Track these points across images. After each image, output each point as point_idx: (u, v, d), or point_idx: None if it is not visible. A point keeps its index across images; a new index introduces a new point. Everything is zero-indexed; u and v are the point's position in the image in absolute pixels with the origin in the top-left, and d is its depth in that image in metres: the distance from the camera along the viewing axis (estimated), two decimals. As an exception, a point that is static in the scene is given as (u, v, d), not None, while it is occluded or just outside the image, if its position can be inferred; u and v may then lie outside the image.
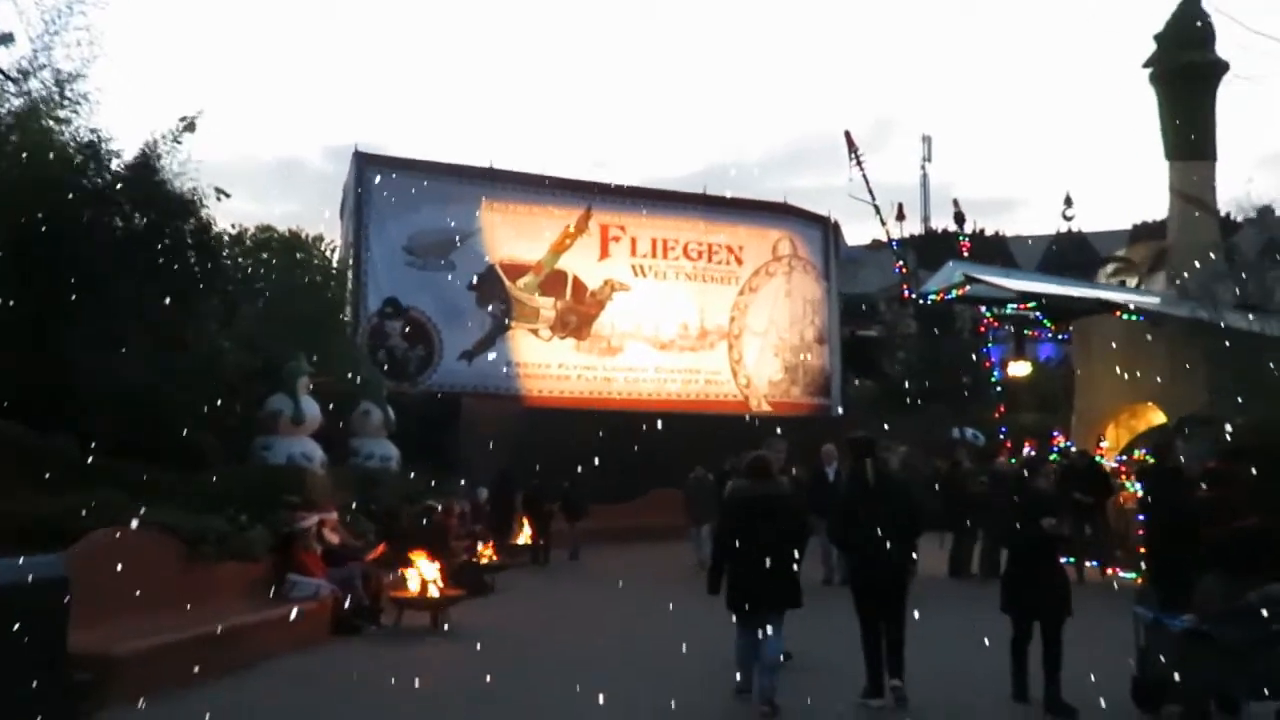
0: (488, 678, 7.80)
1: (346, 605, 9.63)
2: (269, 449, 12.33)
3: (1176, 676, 6.08)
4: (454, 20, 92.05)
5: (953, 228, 41.68)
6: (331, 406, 13.58)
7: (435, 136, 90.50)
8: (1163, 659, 6.27)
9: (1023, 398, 27.15)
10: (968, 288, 18.47)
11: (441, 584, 10.11)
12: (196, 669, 7.31)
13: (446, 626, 9.86)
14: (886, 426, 18.82)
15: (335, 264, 18.38)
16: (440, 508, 13.27)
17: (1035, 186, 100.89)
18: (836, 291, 28.73)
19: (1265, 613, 5.57)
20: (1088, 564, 14.45)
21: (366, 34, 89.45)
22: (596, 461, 17.34)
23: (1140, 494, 9.30)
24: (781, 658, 6.84)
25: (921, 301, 21.05)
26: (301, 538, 9.77)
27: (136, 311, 10.63)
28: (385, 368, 20.78)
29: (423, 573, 9.98)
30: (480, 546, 14.00)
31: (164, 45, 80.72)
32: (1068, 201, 50.35)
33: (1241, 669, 5.60)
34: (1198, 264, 18.02)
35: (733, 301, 25.63)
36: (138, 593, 7.67)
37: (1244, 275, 17.84)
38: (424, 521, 11.98)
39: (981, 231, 45.92)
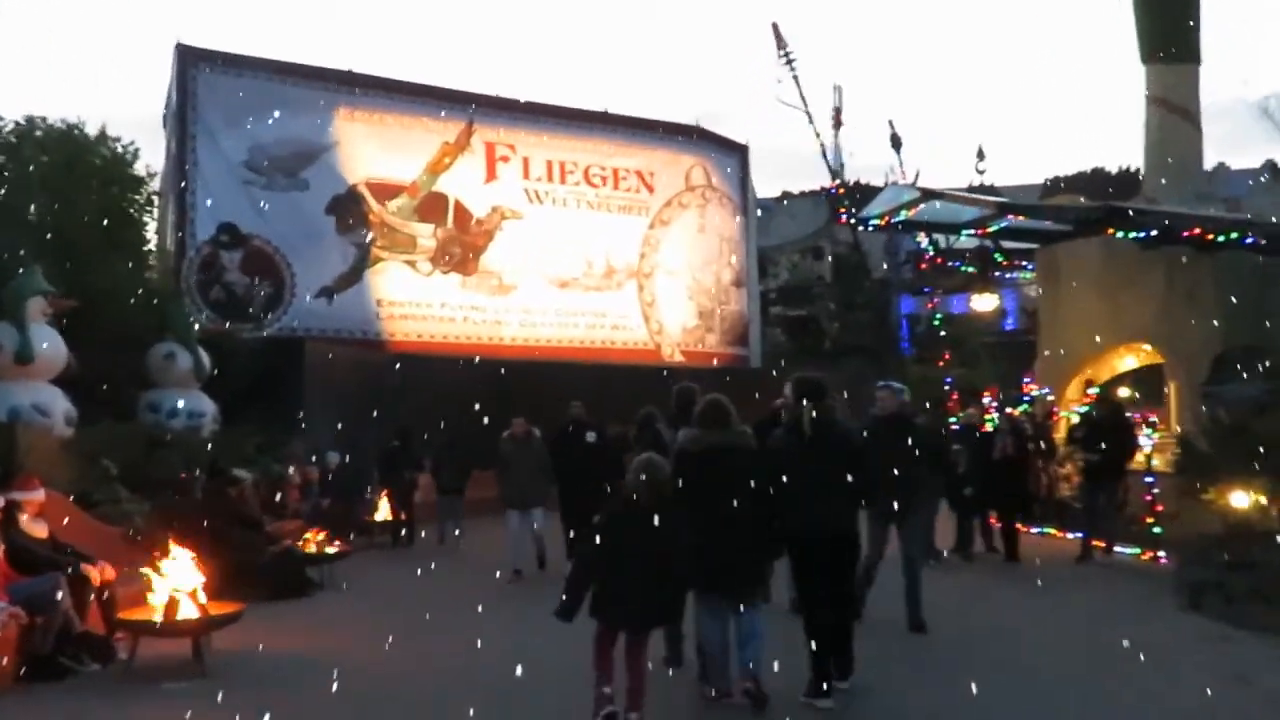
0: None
1: (44, 635, 6.16)
2: (-19, 398, 8.67)
3: None
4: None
5: (868, 180, 39.15)
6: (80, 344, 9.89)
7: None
8: None
9: (941, 352, 24.78)
10: (920, 207, 15.52)
11: (205, 594, 6.66)
12: None
13: (208, 661, 6.44)
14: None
15: (143, 173, 14.40)
16: (247, 479, 9.82)
17: (948, 140, 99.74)
18: (754, 229, 25.77)
19: None
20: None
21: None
22: (485, 420, 13.95)
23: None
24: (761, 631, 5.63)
25: (862, 227, 18.18)
26: (-28, 531, 6.22)
27: None
28: (220, 307, 17.12)
29: (173, 580, 6.50)
30: (311, 531, 10.52)
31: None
32: (980, 155, 49.22)
33: None
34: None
35: (643, 236, 22.36)
36: None
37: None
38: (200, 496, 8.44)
39: (894, 182, 43.76)
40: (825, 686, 5.54)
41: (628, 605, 5.01)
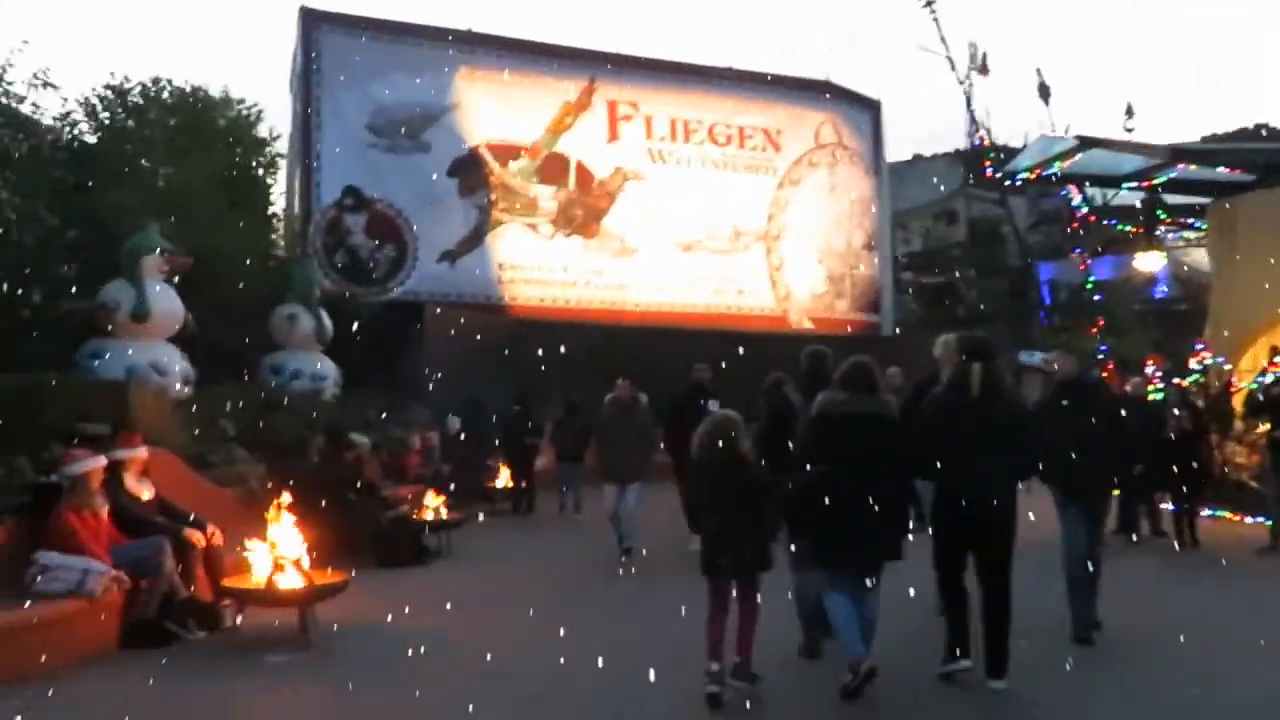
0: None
1: (149, 599, 5.93)
2: (100, 357, 8.60)
3: None
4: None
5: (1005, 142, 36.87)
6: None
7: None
8: None
9: (1090, 319, 23.06)
10: (1076, 158, 14.20)
11: (318, 561, 6.34)
12: None
13: (313, 632, 6.11)
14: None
15: (266, 134, 14.39)
16: (365, 444, 9.58)
17: (1091, 99, 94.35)
18: (888, 190, 24.53)
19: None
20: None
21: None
22: (605, 386, 13.41)
23: None
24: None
25: (1009, 182, 16.92)
26: (76, 491, 6.00)
27: None
28: (344, 270, 17.13)
29: (280, 546, 6.18)
30: (429, 496, 10.23)
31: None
32: (1129, 112, 46.42)
33: None
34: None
35: (771, 196, 21.47)
36: None
37: None
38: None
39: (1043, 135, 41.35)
40: (963, 651, 5.19)
41: (723, 552, 5.06)
